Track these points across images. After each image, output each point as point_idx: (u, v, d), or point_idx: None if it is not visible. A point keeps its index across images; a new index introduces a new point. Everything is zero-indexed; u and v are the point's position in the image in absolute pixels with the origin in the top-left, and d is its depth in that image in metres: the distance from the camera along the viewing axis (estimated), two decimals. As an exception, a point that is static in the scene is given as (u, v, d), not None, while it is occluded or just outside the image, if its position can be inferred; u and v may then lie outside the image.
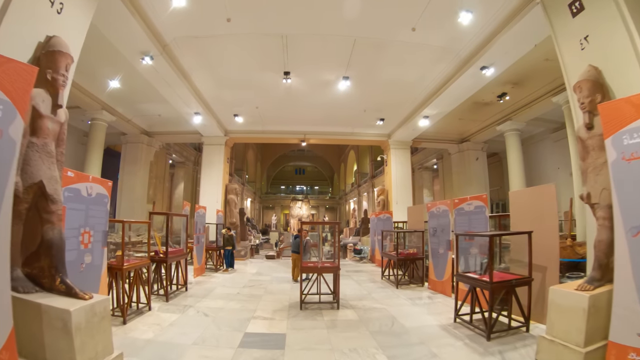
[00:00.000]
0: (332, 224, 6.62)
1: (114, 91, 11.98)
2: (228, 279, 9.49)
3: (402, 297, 7.70)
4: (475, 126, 16.43)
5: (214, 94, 12.03)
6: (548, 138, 16.75)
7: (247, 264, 13.19)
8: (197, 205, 9.74)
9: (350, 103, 12.82)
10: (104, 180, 5.11)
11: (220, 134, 15.17)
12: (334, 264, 6.54)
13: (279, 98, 12.33)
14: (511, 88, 12.35)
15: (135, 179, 15.96)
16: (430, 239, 8.66)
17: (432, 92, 11.76)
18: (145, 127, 16.15)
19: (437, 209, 8.50)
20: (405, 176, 16.05)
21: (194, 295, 7.36)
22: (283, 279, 9.66)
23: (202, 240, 9.98)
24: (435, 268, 8.45)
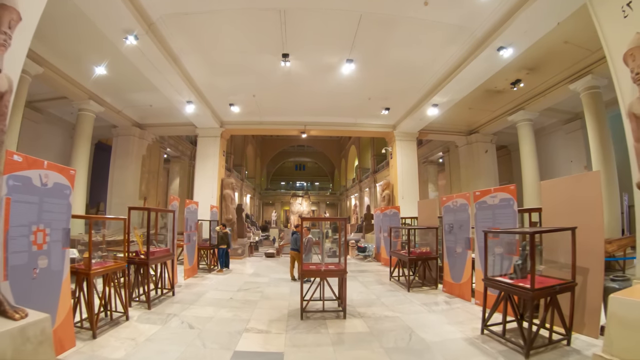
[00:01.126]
0: (339, 220, 5.68)
1: (101, 79, 11.13)
2: (222, 280, 8.65)
3: (415, 302, 6.86)
4: (485, 116, 15.56)
5: (208, 81, 11.14)
6: (560, 130, 15.97)
7: (244, 263, 12.35)
8: (188, 200, 8.88)
9: (354, 90, 11.93)
10: (64, 168, 4.25)
11: (216, 125, 14.28)
12: (340, 266, 5.70)
13: (277, 85, 11.44)
14: (526, 74, 11.54)
15: (126, 174, 15.11)
16: (446, 237, 7.82)
17: (443, 77, 10.88)
18: (137, 118, 15.27)
19: (453, 203, 7.64)
20: (411, 169, 15.17)
21: (181, 301, 6.52)
22: (282, 280, 8.82)
23: (194, 238, 9.13)
24: (451, 269, 7.61)
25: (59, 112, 14.65)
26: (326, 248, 11.85)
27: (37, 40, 9.30)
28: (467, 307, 6.52)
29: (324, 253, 5.48)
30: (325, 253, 6.55)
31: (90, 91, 12.21)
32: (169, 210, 7.14)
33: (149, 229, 5.72)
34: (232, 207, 14.34)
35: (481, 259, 6.69)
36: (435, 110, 12.46)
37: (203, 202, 12.66)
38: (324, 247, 5.48)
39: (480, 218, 6.79)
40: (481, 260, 6.70)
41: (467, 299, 7.02)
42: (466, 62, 9.73)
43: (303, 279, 5.31)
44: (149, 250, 5.81)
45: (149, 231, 5.73)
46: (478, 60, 9.40)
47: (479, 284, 6.66)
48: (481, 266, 6.71)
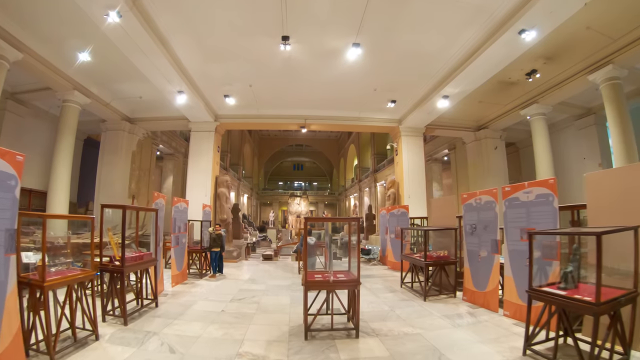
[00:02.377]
0: (351, 221, 4.77)
1: (86, 67, 10.23)
2: (214, 288, 7.70)
3: (435, 314, 5.98)
4: (496, 111, 14.72)
5: (200, 68, 10.22)
6: (572, 126, 15.27)
7: (239, 266, 11.42)
8: (176, 199, 7.94)
9: (359, 80, 11.05)
10: (7, 152, 3.33)
11: (210, 119, 13.33)
12: (350, 275, 4.79)
13: (276, 73, 10.53)
14: (543, 64, 10.74)
15: (115, 171, 14.14)
16: (467, 239, 6.94)
17: (457, 65, 10.02)
18: (127, 112, 14.31)
19: (477, 201, 6.76)
20: (418, 167, 14.28)
21: (165, 314, 5.59)
22: (281, 288, 7.88)
23: (184, 240, 8.20)
24: (474, 275, 6.74)
25: (45, 105, 13.73)
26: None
27: (15, 23, 8.45)
28: (496, 320, 5.67)
29: (332, 259, 4.56)
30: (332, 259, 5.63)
31: (74, 80, 11.25)
32: (150, 209, 6.20)
33: (124, 231, 4.80)
34: (227, 206, 13.40)
35: (513, 264, 5.86)
36: (445, 102, 11.59)
37: (196, 201, 11.75)
38: (331, 253, 4.55)
39: (511, 217, 5.94)
40: (513, 266, 5.86)
41: (493, 310, 6.20)
42: (483, 47, 8.91)
43: (307, 291, 4.39)
44: (125, 256, 4.88)
45: (124, 233, 4.81)
46: (497, 45, 8.58)
47: (510, 293, 5.83)
48: (512, 272, 5.88)
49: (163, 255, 8.95)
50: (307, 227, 4.38)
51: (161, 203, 6.75)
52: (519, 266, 5.79)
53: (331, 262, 4.59)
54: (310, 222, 4.71)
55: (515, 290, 5.80)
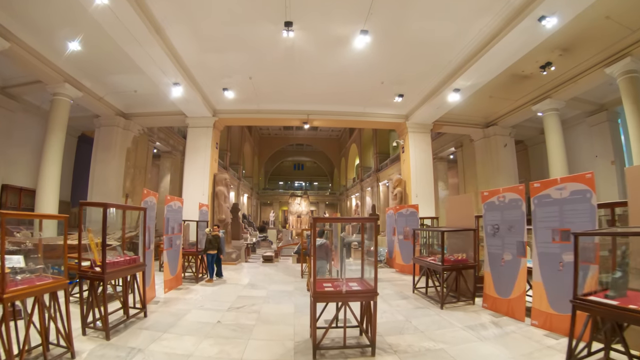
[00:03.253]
0: (367, 221, 4.13)
1: (77, 58, 9.67)
2: (210, 294, 7.07)
3: (456, 324, 5.36)
4: (506, 106, 14.12)
5: (197, 58, 9.60)
6: (583, 122, 14.75)
7: (239, 269, 10.79)
8: (169, 197, 7.31)
9: (365, 72, 10.44)
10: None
11: (208, 114, 12.70)
12: (366, 284, 4.17)
13: (277, 64, 9.92)
14: (559, 56, 10.13)
15: (108, 169, 13.52)
16: (488, 241, 6.33)
17: (470, 55, 9.43)
18: (121, 107, 13.69)
19: (500, 199, 6.14)
20: (425, 164, 13.67)
21: (154, 325, 4.96)
22: (283, 294, 7.25)
23: (178, 242, 7.57)
24: (496, 281, 6.13)
25: (37, 100, 13.15)
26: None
27: (1, 9, 7.88)
28: (525, 331, 5.09)
29: (344, 265, 3.94)
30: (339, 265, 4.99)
31: (65, 72, 10.66)
32: (138, 208, 5.58)
33: (105, 233, 4.18)
34: (226, 206, 12.76)
35: (543, 268, 5.27)
36: (456, 96, 10.97)
37: (193, 200, 11.14)
38: (343, 259, 3.91)
39: (541, 216, 5.34)
40: (543, 270, 5.26)
41: (518, 319, 5.61)
42: (500, 35, 8.32)
43: (316, 303, 3.75)
44: (106, 261, 4.26)
45: (104, 235, 4.19)
46: (514, 34, 8.01)
47: (540, 300, 5.25)
48: (542, 278, 5.28)
49: (157, 258, 8.37)
50: (316, 229, 3.75)
51: (152, 201, 6.13)
52: (550, 271, 5.20)
53: (344, 268, 3.94)
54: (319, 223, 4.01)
55: (546, 298, 5.22)
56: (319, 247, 5.51)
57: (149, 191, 5.96)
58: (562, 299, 4.92)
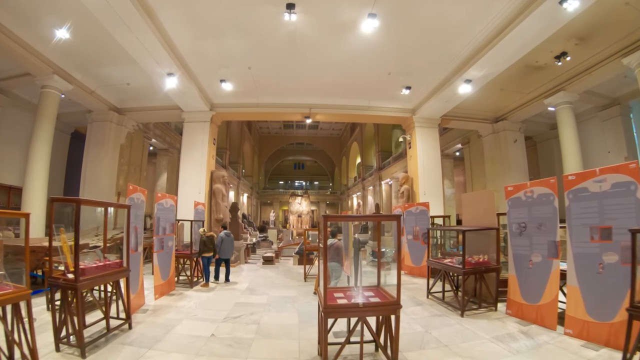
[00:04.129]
0: (388, 220, 3.47)
1: (66, 48, 9.12)
2: (205, 301, 6.41)
3: (482, 335, 4.74)
4: (517, 100, 13.51)
5: (192, 46, 8.97)
6: (595, 117, 14.25)
7: (238, 271, 10.15)
8: (160, 194, 6.64)
9: (372, 62, 9.82)
10: None
11: (205, 108, 12.05)
12: (384, 293, 3.53)
13: (278, 52, 9.29)
14: (574, 45, 9.56)
15: (101, 166, 12.89)
16: (514, 240, 5.71)
17: (484, 43, 8.81)
18: (114, 101, 13.06)
19: (527, 194, 5.52)
20: (433, 161, 13.04)
21: (138, 340, 4.32)
22: (285, 301, 6.59)
23: (170, 244, 6.92)
24: (522, 285, 5.52)
25: (27, 94, 12.59)
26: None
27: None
28: (559, 341, 4.52)
29: (360, 271, 3.30)
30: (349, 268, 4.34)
31: (53, 63, 10.06)
32: (120, 205, 4.94)
33: (78, 234, 3.54)
34: (224, 204, 12.12)
35: (579, 270, 4.66)
36: (467, 87, 10.34)
37: (189, 198, 10.51)
38: (358, 264, 3.26)
39: (577, 213, 4.73)
40: (579, 273, 4.66)
41: (549, 327, 5.01)
42: (517, 20, 7.73)
43: (326, 318, 3.09)
44: (81, 266, 3.63)
45: (77, 236, 3.55)
46: (533, 18, 7.44)
47: (575, 307, 4.67)
48: (578, 281, 4.66)
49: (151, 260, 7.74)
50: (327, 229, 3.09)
51: (139, 199, 5.49)
52: (588, 273, 4.59)
53: (359, 274, 3.30)
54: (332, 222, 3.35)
55: (582, 304, 4.63)
56: (330, 247, 4.87)
57: (135, 187, 5.33)
58: (601, 305, 4.39)
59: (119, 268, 4.48)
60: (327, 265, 3.02)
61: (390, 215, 3.24)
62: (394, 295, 3.40)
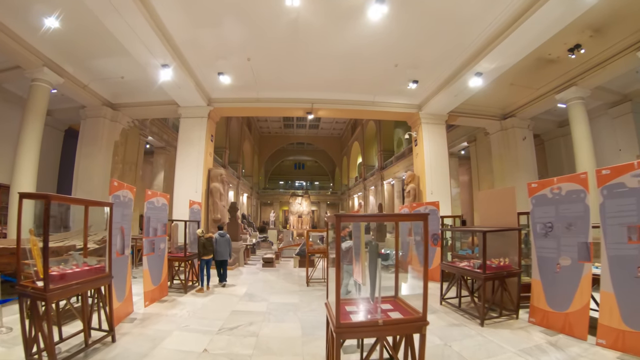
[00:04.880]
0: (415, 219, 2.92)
1: (56, 38, 8.61)
2: (199, 309, 5.86)
3: (507, 347, 4.24)
4: (527, 95, 13.01)
5: (188, 35, 8.43)
6: (605, 114, 13.81)
7: (236, 275, 9.62)
8: (150, 192, 6.07)
9: (379, 53, 9.31)
10: None
11: (202, 103, 11.51)
12: (404, 307, 3.02)
13: (279, 42, 8.76)
14: (589, 37, 9.07)
15: (94, 164, 12.36)
16: (538, 242, 5.20)
17: (498, 32, 8.29)
18: (108, 96, 12.53)
19: (554, 191, 5.00)
20: (440, 159, 12.51)
21: (121, 355, 3.79)
22: (287, 308, 6.05)
23: (162, 246, 6.39)
24: (548, 291, 5.03)
25: (17, 89, 12.16)
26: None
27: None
28: (593, 353, 4.09)
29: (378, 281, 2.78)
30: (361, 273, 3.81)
31: (43, 55, 9.56)
32: (100, 203, 4.40)
33: (47, 234, 3.02)
34: (222, 204, 11.57)
35: (614, 275, 4.18)
36: (478, 80, 9.81)
37: (185, 197, 10.00)
38: (377, 272, 2.73)
39: (612, 211, 4.25)
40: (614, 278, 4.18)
41: (579, 337, 4.53)
42: (533, 8, 7.21)
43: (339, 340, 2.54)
44: (51, 273, 3.11)
45: (45, 237, 3.03)
46: (551, 4, 6.86)
47: (610, 315, 4.21)
48: (613, 287, 4.17)
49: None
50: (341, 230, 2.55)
51: (126, 196, 4.96)
52: (625, 278, 4.12)
53: (377, 284, 2.77)
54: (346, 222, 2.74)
55: (618, 311, 4.16)
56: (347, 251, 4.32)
57: (120, 183, 4.80)
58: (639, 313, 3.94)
59: (100, 274, 3.96)
60: (340, 274, 2.48)
61: (416, 214, 2.72)
62: (416, 309, 2.89)
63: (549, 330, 4.90)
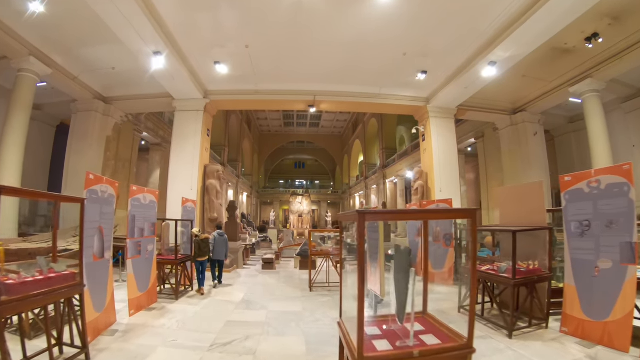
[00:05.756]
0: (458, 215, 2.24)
1: (43, 26, 8.06)
2: (190, 319, 5.20)
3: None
4: (540, 88, 12.40)
5: (181, 18, 7.79)
6: (618, 109, 13.22)
7: (234, 278, 8.99)
8: (135, 188, 5.43)
9: (386, 40, 8.69)
10: None
11: (198, 96, 10.87)
12: (438, 327, 2.41)
13: (280, 28, 8.14)
14: (607, 25, 8.53)
15: (85, 160, 11.70)
16: (573, 242, 4.59)
17: (515, 17, 7.70)
18: (99, 89, 11.91)
19: (592, 184, 4.38)
20: (449, 154, 11.90)
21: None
22: (289, 318, 5.40)
23: (150, 248, 5.76)
24: (584, 297, 4.44)
25: (5, 81, 11.47)
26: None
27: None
28: None
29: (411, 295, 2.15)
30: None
31: (29, 43, 8.97)
32: (71, 199, 3.77)
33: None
34: (219, 202, 10.94)
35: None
36: (492, 70, 9.20)
37: (179, 195, 9.38)
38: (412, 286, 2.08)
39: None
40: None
41: (620, 349, 3.96)
42: (555, -11, 6.58)
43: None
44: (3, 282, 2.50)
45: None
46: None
47: None
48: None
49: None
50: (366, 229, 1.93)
51: (106, 192, 4.34)
52: None
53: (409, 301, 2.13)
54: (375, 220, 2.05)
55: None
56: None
57: (98, 176, 4.18)
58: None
59: (70, 282, 3.35)
60: (364, 288, 1.87)
61: (464, 209, 2.07)
62: (452, 329, 2.29)
63: (585, 342, 4.32)
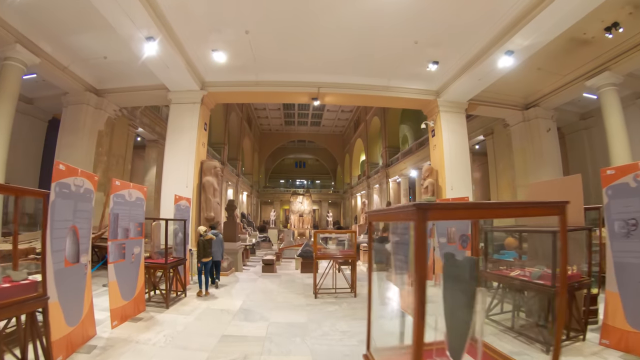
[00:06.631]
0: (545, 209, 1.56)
1: (29, 10, 7.56)
2: (179, 332, 4.53)
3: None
4: (554, 82, 11.83)
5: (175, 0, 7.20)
6: (633, 105, 12.73)
7: (231, 282, 8.32)
8: (119, 183, 4.76)
9: (396, 27, 8.09)
10: None
11: (195, 87, 10.21)
12: (498, 357, 1.79)
13: (282, 12, 7.52)
14: (629, 14, 8.09)
15: (75, 155, 11.05)
16: (616, 244, 3.99)
17: (537, 1, 7.05)
18: (91, 80, 11.29)
19: (637, 178, 3.78)
20: (461, 151, 11.27)
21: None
22: (293, 331, 4.73)
23: (136, 251, 5.13)
24: (629, 306, 3.91)
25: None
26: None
27: None
28: None
29: (480, 326, 1.53)
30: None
31: (15, 30, 8.39)
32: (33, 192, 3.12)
33: None
34: (216, 200, 10.29)
35: None
36: (509, 60, 8.57)
37: (174, 192, 8.77)
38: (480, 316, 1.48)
39: None
40: None
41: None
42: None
43: None
44: None
45: None
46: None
47: None
48: None
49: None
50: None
51: (82, 185, 3.73)
52: None
53: (470, 332, 1.55)
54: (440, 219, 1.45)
55: None
56: None
57: (71, 167, 3.55)
58: None
59: (29, 293, 2.73)
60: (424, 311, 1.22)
61: (551, 203, 1.48)
62: None
63: (629, 355, 3.75)
